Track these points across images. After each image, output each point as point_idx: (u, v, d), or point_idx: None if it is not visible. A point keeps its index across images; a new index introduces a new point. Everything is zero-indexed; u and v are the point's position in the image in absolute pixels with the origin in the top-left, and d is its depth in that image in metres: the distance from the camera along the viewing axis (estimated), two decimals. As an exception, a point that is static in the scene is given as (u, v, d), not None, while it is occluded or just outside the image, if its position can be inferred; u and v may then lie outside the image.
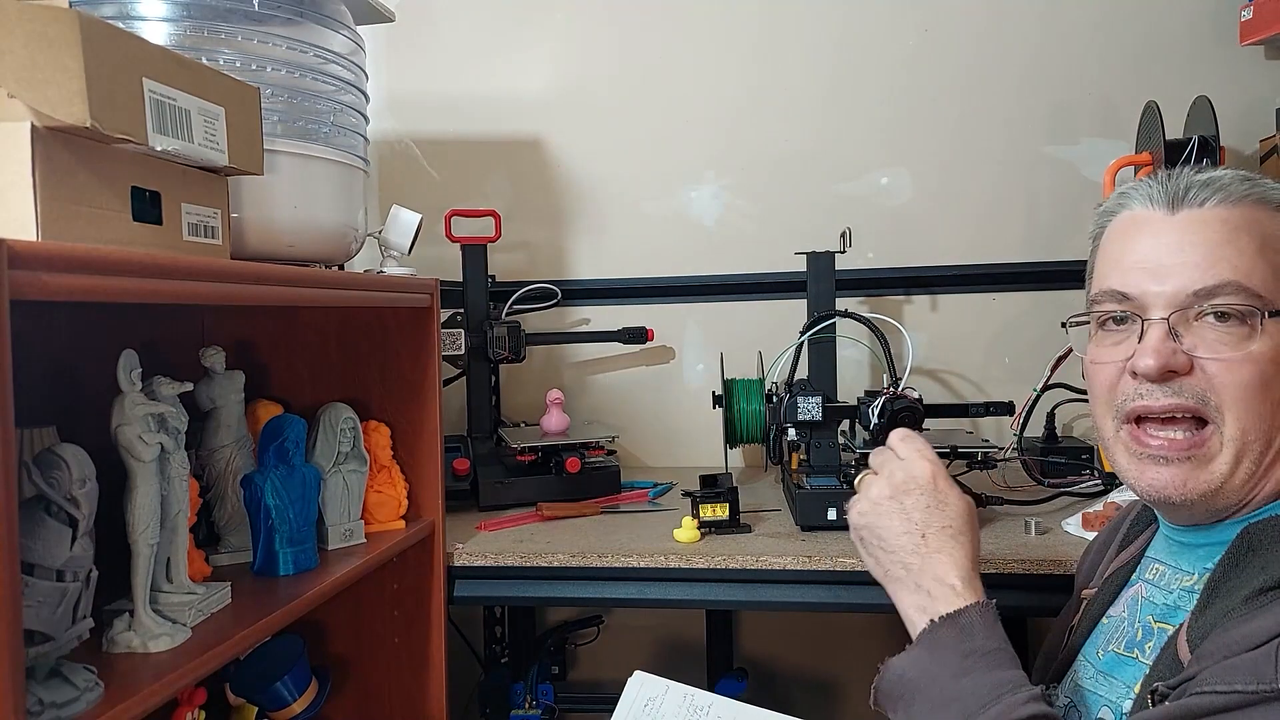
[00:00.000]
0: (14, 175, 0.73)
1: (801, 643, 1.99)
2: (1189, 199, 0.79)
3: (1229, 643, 0.68)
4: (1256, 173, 0.82)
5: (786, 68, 1.94)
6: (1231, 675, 0.66)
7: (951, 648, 0.79)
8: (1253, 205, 0.78)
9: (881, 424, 1.34)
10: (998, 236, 1.88)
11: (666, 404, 2.00)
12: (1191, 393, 0.76)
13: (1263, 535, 0.74)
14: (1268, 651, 0.65)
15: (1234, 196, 0.78)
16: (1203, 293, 0.76)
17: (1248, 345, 0.75)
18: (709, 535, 1.37)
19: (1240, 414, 0.75)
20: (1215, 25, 1.78)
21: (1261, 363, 0.75)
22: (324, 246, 1.27)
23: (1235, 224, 0.77)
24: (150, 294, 0.77)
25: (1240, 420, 0.75)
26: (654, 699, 1.04)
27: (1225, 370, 0.75)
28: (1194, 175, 0.81)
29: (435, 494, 1.38)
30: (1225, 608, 0.71)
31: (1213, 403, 0.76)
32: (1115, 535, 0.97)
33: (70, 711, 0.73)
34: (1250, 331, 0.75)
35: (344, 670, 1.43)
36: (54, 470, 0.74)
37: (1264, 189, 0.79)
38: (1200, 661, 0.70)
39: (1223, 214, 0.78)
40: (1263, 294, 0.75)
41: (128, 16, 1.11)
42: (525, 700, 1.78)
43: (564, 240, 2.02)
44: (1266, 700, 0.64)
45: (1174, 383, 0.77)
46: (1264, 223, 0.78)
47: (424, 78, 2.03)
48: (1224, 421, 0.76)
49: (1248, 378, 0.75)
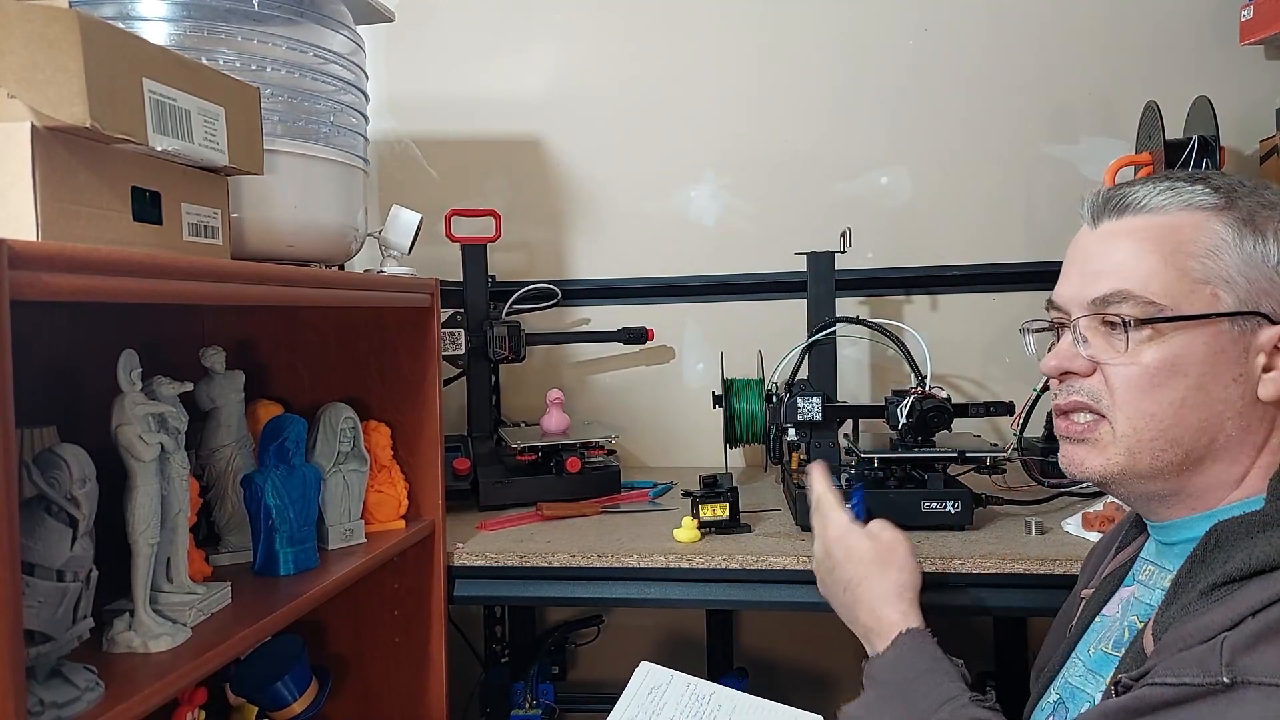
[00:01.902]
0: (14, 175, 0.73)
1: (801, 642, 1.99)
2: (1109, 211, 0.84)
3: (1184, 635, 0.70)
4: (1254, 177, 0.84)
5: (787, 67, 1.94)
6: (1181, 668, 0.68)
7: (886, 683, 0.92)
8: (1174, 213, 0.80)
9: (910, 423, 1.34)
10: (998, 236, 1.88)
11: (666, 404, 2.00)
12: (1088, 392, 0.83)
13: (1229, 531, 0.75)
14: (1214, 645, 0.67)
15: (1150, 207, 0.81)
16: (1098, 300, 0.82)
17: (1138, 350, 0.79)
18: (709, 535, 1.37)
19: (1130, 413, 0.80)
20: (1215, 25, 1.78)
21: (1150, 367, 0.79)
22: (324, 246, 1.27)
23: (1145, 233, 0.81)
24: (150, 294, 0.77)
25: (1130, 419, 0.80)
26: (658, 688, 1.05)
27: (1114, 373, 0.81)
28: (1118, 188, 0.85)
29: (435, 494, 1.38)
30: (1185, 602, 0.74)
31: (1104, 401, 0.82)
32: (1116, 537, 0.98)
33: (71, 711, 0.73)
34: (1146, 336, 0.79)
35: (344, 670, 1.43)
36: (54, 470, 0.74)
37: (1186, 197, 0.80)
38: (1159, 654, 0.72)
39: (1137, 223, 0.82)
40: (1160, 300, 0.78)
41: (128, 16, 1.11)
42: (525, 700, 1.78)
43: (564, 240, 2.02)
44: (1212, 692, 0.66)
45: (1076, 382, 0.84)
46: (1181, 229, 0.79)
47: (424, 78, 2.03)
48: (1115, 419, 0.81)
49: (1133, 379, 0.80)
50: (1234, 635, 0.67)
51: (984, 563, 1.22)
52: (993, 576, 1.21)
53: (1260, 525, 0.74)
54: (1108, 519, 1.29)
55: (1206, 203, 0.80)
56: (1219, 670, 0.66)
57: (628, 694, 1.05)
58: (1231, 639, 0.67)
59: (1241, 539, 0.74)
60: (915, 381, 1.43)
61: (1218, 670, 0.66)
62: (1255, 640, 0.66)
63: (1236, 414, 0.78)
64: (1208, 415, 0.78)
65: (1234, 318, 0.78)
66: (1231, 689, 0.65)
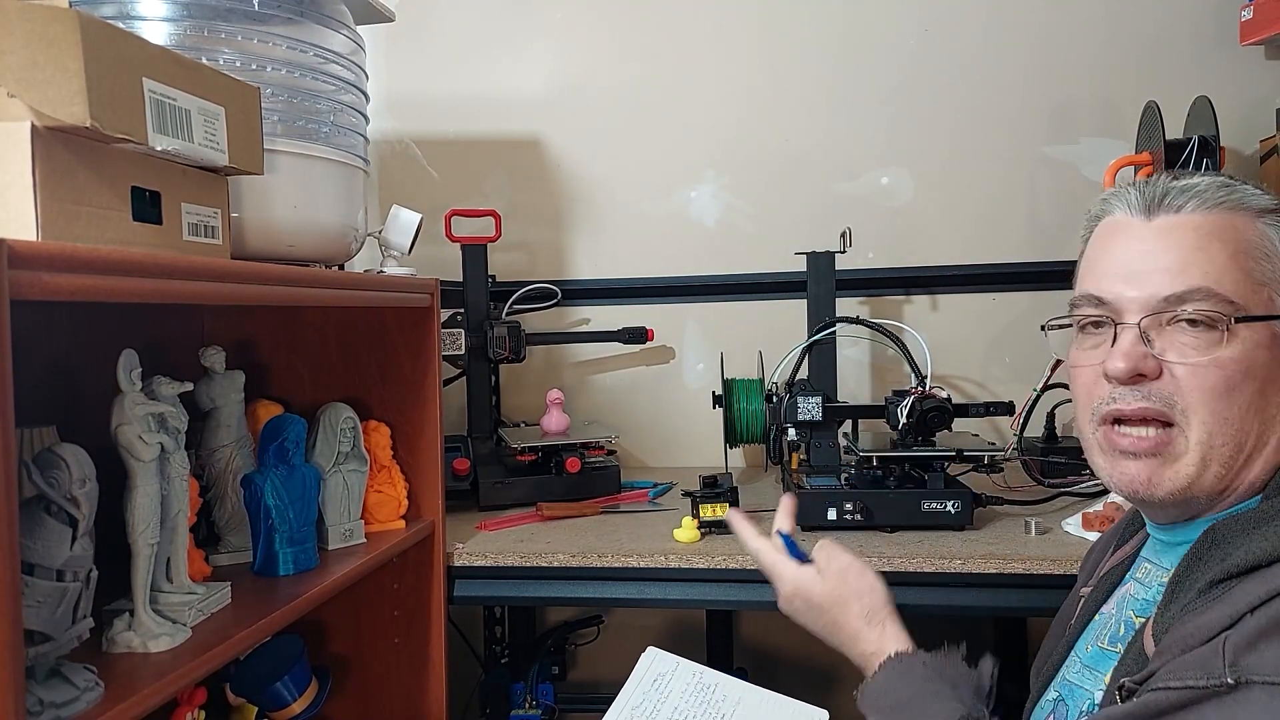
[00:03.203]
0: (14, 175, 0.73)
1: (801, 642, 1.98)
2: (1165, 205, 0.80)
3: (1185, 636, 0.70)
4: (1254, 177, 0.83)
5: (787, 67, 1.94)
6: (1184, 670, 0.68)
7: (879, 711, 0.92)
8: (1228, 211, 0.79)
9: (910, 423, 1.34)
10: (998, 236, 1.88)
11: (666, 404, 2.00)
12: (1159, 396, 0.77)
13: (1226, 530, 0.75)
14: (1216, 645, 0.67)
15: (1210, 203, 0.79)
16: (1173, 298, 0.77)
17: (1215, 350, 0.76)
18: (709, 535, 1.37)
19: (1205, 417, 0.76)
20: (1215, 25, 1.78)
21: (1228, 368, 0.76)
22: (324, 246, 1.27)
23: (1209, 230, 0.78)
24: (150, 294, 0.77)
25: (1205, 424, 0.76)
26: (663, 675, 1.05)
27: (1191, 375, 0.76)
28: (1171, 181, 0.82)
29: (435, 494, 1.38)
30: (1184, 601, 0.73)
31: (1179, 406, 0.77)
32: (1115, 535, 0.98)
33: (70, 711, 0.73)
34: (1219, 337, 0.76)
35: (344, 670, 1.43)
36: (54, 470, 0.74)
37: (1241, 195, 0.79)
38: (1161, 656, 0.71)
39: (1197, 220, 0.79)
40: (1233, 299, 0.76)
41: (128, 16, 1.11)
42: (525, 700, 1.78)
43: (564, 240, 2.02)
44: (1217, 694, 0.66)
45: (1143, 386, 0.78)
46: (1240, 229, 0.78)
47: (424, 78, 2.03)
48: (1189, 425, 0.77)
49: (1213, 382, 0.76)
50: (1235, 634, 0.67)
51: (984, 563, 1.22)
52: (993, 576, 1.21)
53: (1256, 521, 0.74)
54: (1108, 519, 1.29)
55: (1260, 204, 0.79)
56: (1223, 671, 0.65)
57: (633, 680, 1.05)
58: (1233, 638, 0.66)
59: (1238, 535, 0.74)
60: (915, 381, 1.44)
61: (1221, 671, 0.65)
62: (1257, 638, 0.66)
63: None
64: (1265, 420, 0.77)
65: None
66: (1236, 689, 0.65)
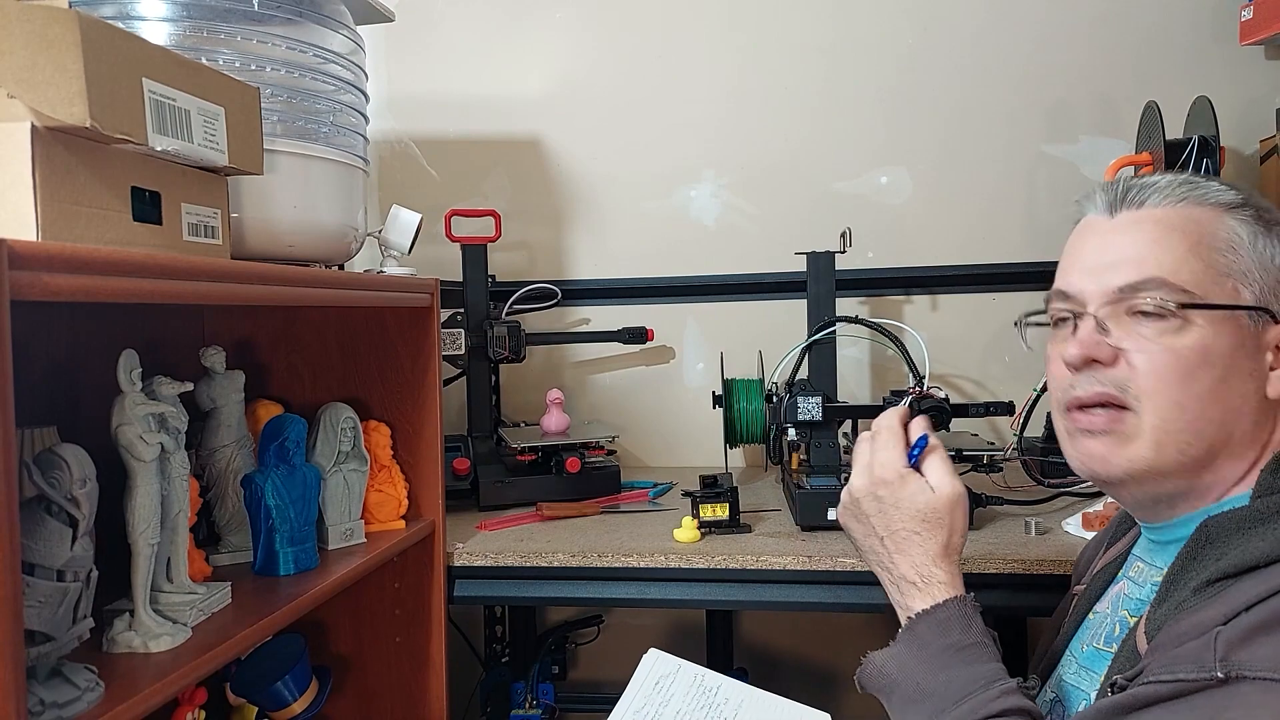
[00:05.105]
0: (14, 175, 0.73)
1: (802, 642, 1.99)
2: (1128, 201, 0.83)
3: (1178, 633, 0.70)
4: (1254, 177, 0.84)
5: (786, 67, 1.94)
6: (1175, 664, 0.68)
7: (928, 644, 0.82)
8: (1192, 205, 0.81)
9: None
10: (998, 236, 1.88)
11: (666, 404, 2.00)
12: (1113, 381, 0.80)
13: (1219, 528, 0.75)
14: (1208, 640, 0.67)
15: (1171, 198, 0.81)
16: (1127, 288, 0.80)
17: (1170, 338, 0.78)
18: (709, 535, 1.37)
19: (1160, 402, 0.78)
20: (1215, 25, 1.78)
21: (1183, 355, 0.77)
22: (324, 246, 1.27)
23: (1170, 224, 0.80)
24: (150, 294, 0.77)
25: (1159, 409, 0.78)
26: (665, 677, 1.05)
27: (1145, 360, 0.78)
28: (1134, 179, 0.84)
29: (435, 494, 1.38)
30: (1179, 599, 0.73)
31: (1132, 391, 0.79)
32: (1107, 534, 0.99)
33: (71, 711, 0.73)
34: (1177, 325, 0.78)
35: (344, 670, 1.43)
36: (54, 470, 0.74)
37: (1205, 191, 0.82)
38: (1154, 653, 0.71)
39: (1158, 214, 0.81)
40: (1190, 289, 0.78)
41: (128, 16, 1.11)
42: (525, 700, 1.78)
43: (564, 240, 2.02)
44: (1208, 687, 0.66)
45: (1099, 372, 0.81)
46: (1203, 222, 0.80)
47: (424, 78, 2.03)
48: (1143, 408, 0.79)
49: (1165, 367, 0.78)
50: (1228, 630, 0.67)
51: (984, 563, 1.22)
52: (993, 576, 1.21)
53: (1252, 520, 0.74)
54: (1107, 519, 1.28)
55: (1224, 199, 0.81)
56: (1214, 665, 0.66)
57: (635, 682, 1.04)
58: (1226, 633, 0.67)
59: (1233, 535, 0.74)
60: (913, 382, 1.44)
61: (1212, 665, 0.66)
62: (1250, 634, 0.66)
63: (1251, 410, 0.79)
64: (1227, 409, 0.78)
65: (1251, 312, 0.78)
66: (1227, 683, 0.65)
